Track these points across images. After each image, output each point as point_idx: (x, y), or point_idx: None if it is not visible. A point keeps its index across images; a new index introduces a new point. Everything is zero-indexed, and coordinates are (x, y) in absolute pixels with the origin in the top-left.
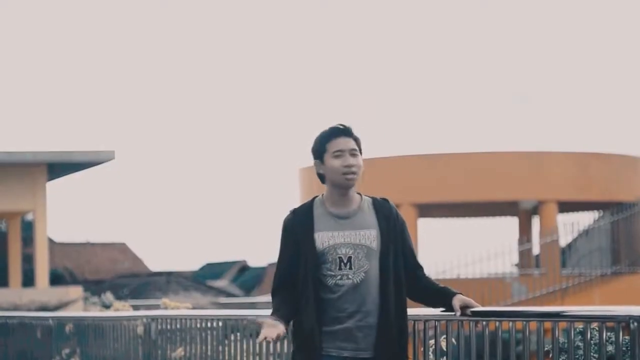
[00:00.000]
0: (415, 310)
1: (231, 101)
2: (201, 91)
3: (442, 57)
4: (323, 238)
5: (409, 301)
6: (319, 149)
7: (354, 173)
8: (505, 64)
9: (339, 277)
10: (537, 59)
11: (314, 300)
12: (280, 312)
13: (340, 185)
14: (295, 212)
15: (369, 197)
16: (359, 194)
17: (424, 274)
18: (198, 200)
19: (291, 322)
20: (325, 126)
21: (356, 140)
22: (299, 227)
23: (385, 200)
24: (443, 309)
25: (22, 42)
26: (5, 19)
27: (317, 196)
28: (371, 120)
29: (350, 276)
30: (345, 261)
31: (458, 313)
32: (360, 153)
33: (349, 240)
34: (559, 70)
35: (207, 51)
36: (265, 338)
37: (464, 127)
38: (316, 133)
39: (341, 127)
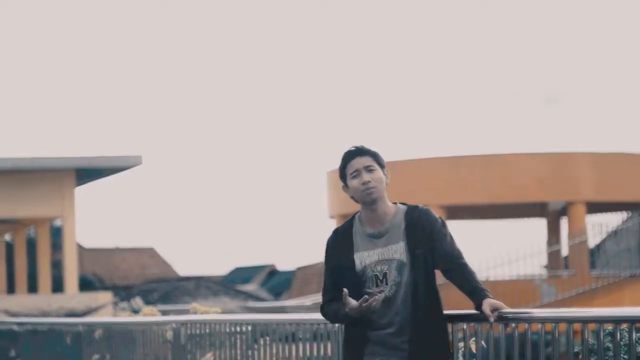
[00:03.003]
0: (444, 312)
1: (259, 105)
2: (229, 95)
3: (471, 60)
4: (361, 258)
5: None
6: (341, 175)
7: (372, 187)
8: (533, 66)
9: (377, 294)
10: (565, 61)
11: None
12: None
13: (365, 202)
14: (336, 233)
15: (404, 205)
16: (395, 203)
17: (460, 269)
18: (226, 204)
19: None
20: (351, 133)
21: (373, 155)
22: (339, 248)
23: (416, 206)
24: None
25: (50, 49)
26: (34, 27)
27: (357, 212)
28: (399, 123)
29: (386, 291)
30: (380, 278)
31: (492, 319)
32: (381, 166)
33: (382, 257)
34: (587, 71)
35: (235, 55)
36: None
37: (492, 129)
38: (342, 138)
39: (353, 148)
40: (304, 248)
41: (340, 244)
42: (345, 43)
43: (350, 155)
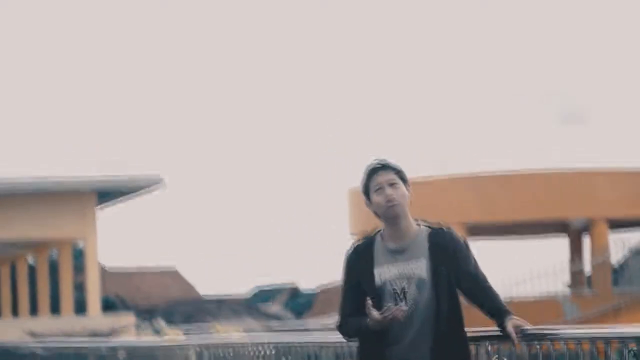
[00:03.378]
0: (467, 331)
1: (280, 124)
2: (250, 116)
3: (491, 77)
4: (381, 273)
5: (467, 319)
6: (364, 190)
7: (395, 202)
8: (555, 83)
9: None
10: (587, 77)
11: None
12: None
13: (387, 217)
14: (356, 249)
15: (427, 225)
16: (418, 224)
17: (485, 290)
18: (247, 224)
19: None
20: (372, 152)
21: (397, 171)
22: (359, 263)
23: (440, 227)
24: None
25: (73, 73)
26: (55, 49)
27: (379, 230)
28: (419, 142)
29: (403, 307)
30: (400, 294)
31: (516, 341)
32: (405, 182)
33: (403, 273)
34: (609, 87)
35: (256, 77)
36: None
37: (514, 146)
38: (364, 156)
39: (377, 163)
40: (325, 267)
41: (361, 258)
42: (366, 63)
43: (374, 170)
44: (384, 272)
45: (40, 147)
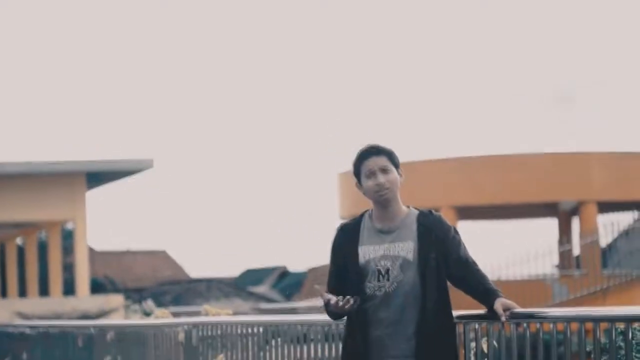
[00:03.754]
0: (455, 313)
1: (270, 107)
2: (240, 98)
3: (481, 59)
4: (365, 252)
5: (455, 303)
6: (355, 173)
7: (386, 189)
8: (545, 63)
9: (376, 289)
10: (577, 58)
11: (359, 311)
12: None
13: (377, 202)
14: (342, 228)
15: (417, 209)
16: (408, 207)
17: (474, 274)
18: (237, 206)
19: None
20: (361, 135)
21: (389, 155)
22: (345, 242)
23: (429, 211)
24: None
25: (62, 54)
26: (43, 32)
27: (367, 210)
28: (410, 124)
29: (386, 287)
30: (383, 273)
31: (503, 318)
32: (396, 166)
33: (388, 253)
34: (600, 68)
35: (246, 59)
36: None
37: (504, 129)
38: (354, 139)
39: (369, 147)
40: (314, 249)
41: (347, 237)
42: (355, 45)
43: (366, 155)
44: (369, 251)
45: (29, 129)
